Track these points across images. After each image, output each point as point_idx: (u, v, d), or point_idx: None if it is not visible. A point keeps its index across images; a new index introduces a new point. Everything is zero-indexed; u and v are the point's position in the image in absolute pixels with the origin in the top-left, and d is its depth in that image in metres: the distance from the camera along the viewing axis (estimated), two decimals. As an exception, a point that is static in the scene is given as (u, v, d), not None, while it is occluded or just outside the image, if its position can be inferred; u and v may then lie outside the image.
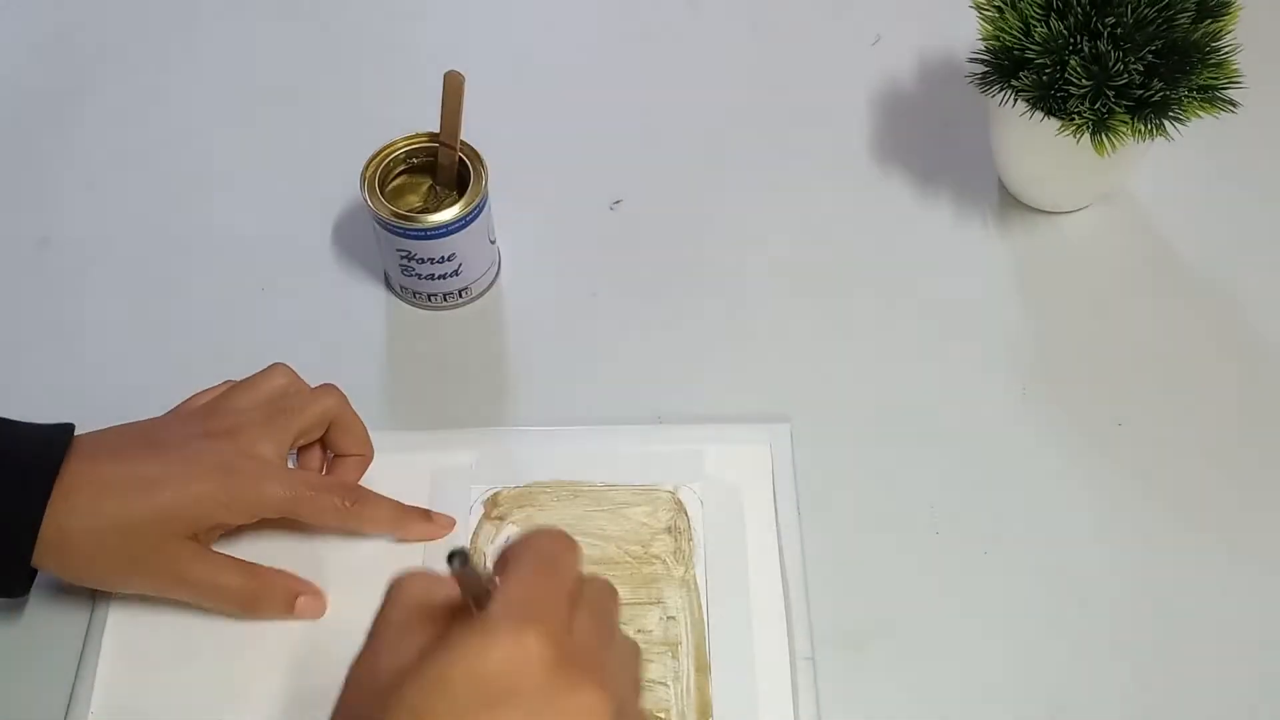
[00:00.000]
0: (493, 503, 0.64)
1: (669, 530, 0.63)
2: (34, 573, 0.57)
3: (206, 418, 0.60)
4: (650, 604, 0.61)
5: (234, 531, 0.61)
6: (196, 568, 0.58)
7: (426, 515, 0.63)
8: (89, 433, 0.58)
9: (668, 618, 0.61)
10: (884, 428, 0.68)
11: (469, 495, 0.65)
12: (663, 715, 0.58)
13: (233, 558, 0.59)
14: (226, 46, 0.86)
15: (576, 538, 0.62)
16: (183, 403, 0.63)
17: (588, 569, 0.46)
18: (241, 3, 0.88)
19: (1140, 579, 0.63)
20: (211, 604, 0.59)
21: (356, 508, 0.60)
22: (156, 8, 0.88)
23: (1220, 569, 0.63)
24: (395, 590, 0.43)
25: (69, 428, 0.58)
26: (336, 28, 0.87)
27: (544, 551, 0.44)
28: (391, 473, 0.65)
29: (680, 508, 0.64)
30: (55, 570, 0.57)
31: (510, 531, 0.64)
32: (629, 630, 0.60)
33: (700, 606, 0.61)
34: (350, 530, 0.62)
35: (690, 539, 0.63)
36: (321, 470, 0.64)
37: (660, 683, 0.59)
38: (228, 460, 0.58)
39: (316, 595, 0.60)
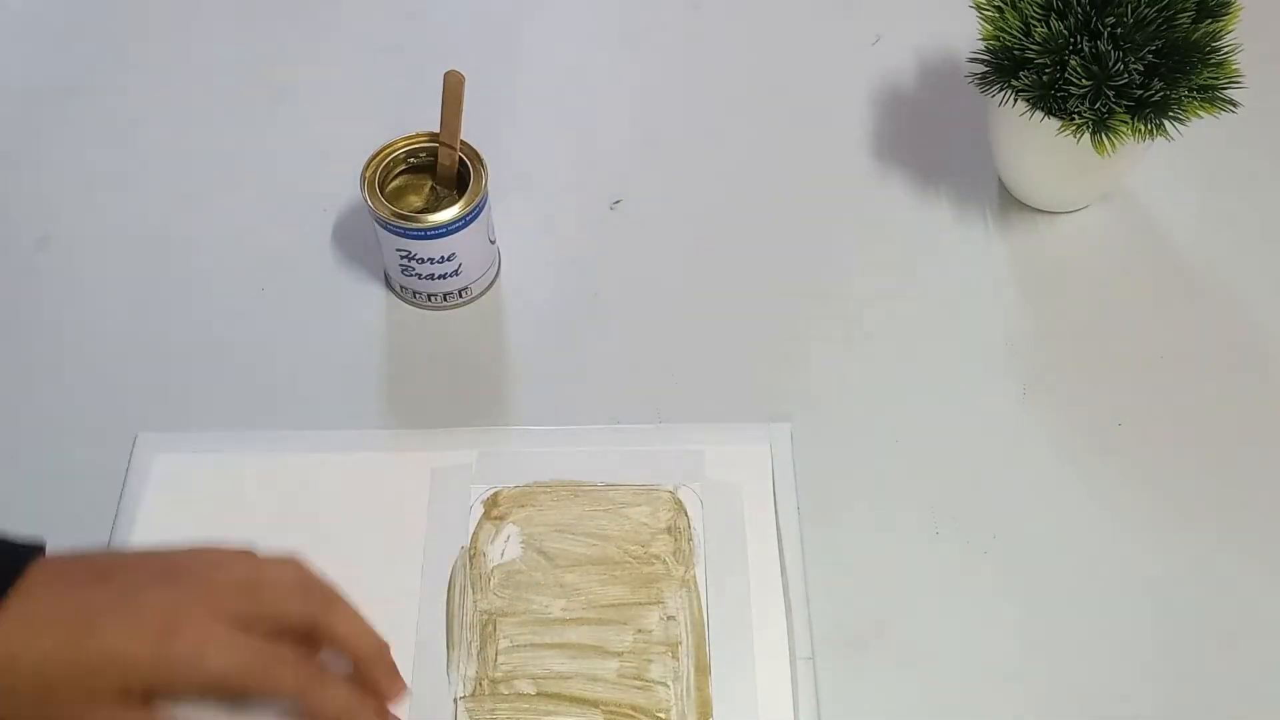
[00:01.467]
0: (493, 502, 0.64)
1: (669, 530, 0.63)
2: None
3: (182, 561, 0.52)
4: (650, 604, 0.61)
5: None
6: None
7: (383, 707, 0.54)
8: (50, 558, 0.51)
9: (668, 618, 0.61)
10: (884, 428, 0.68)
11: (469, 495, 0.65)
12: (663, 715, 0.58)
13: None
14: (226, 46, 0.86)
15: (577, 537, 0.62)
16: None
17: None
18: (241, 3, 0.88)
19: (1140, 578, 0.63)
20: None
21: (316, 692, 0.51)
22: (156, 8, 0.88)
23: (1220, 568, 0.63)
24: None
25: (27, 553, 0.50)
26: (336, 28, 0.87)
27: None
28: (391, 473, 0.65)
29: (680, 508, 0.64)
30: None
31: (510, 531, 0.64)
32: (629, 630, 0.61)
33: (700, 607, 0.61)
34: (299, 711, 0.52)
35: (690, 539, 0.63)
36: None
37: (660, 683, 0.59)
38: (175, 615, 0.49)
39: None
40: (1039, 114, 0.68)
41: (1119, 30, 0.66)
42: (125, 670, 0.48)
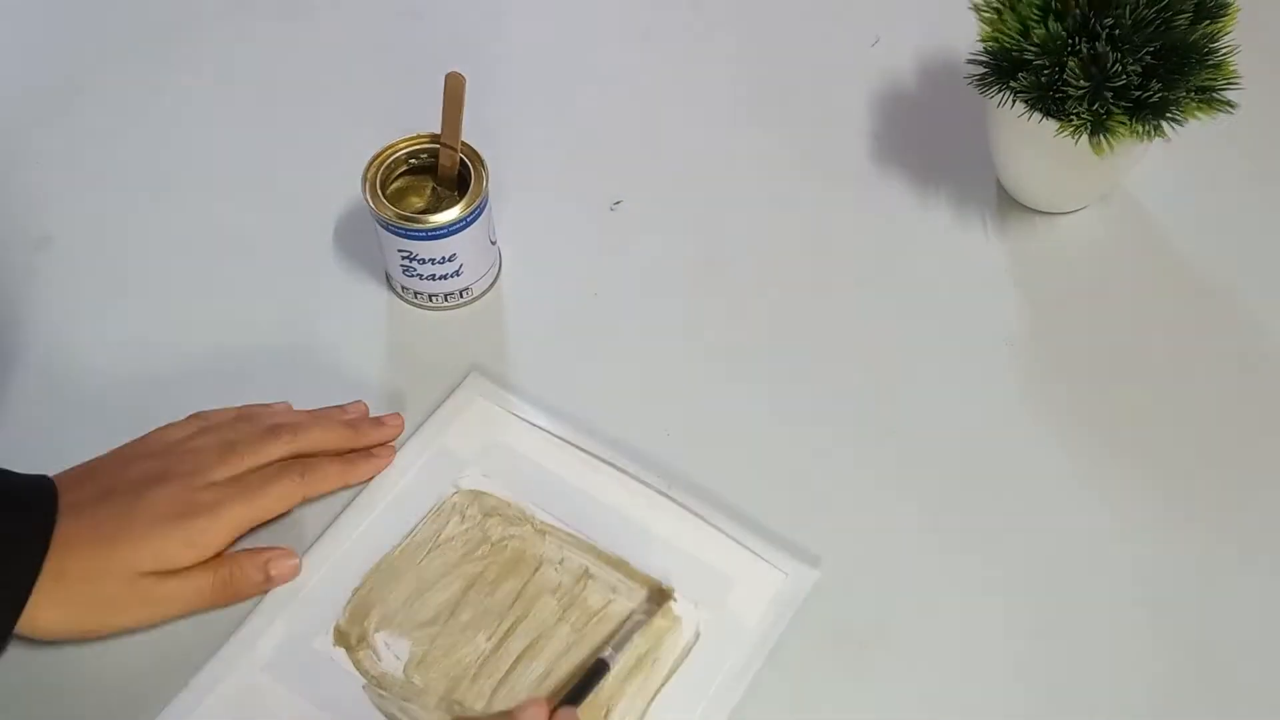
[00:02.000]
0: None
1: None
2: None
3: (166, 457, 0.61)
4: (537, 569, 0.62)
5: None
6: (169, 586, 0.59)
7: (368, 451, 0.65)
8: (63, 484, 0.59)
9: (559, 564, 0.62)
10: (883, 427, 0.68)
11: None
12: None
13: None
14: (226, 46, 0.86)
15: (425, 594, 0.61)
16: (149, 434, 0.63)
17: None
18: (241, 3, 0.88)
19: (1140, 578, 0.63)
20: (193, 611, 0.60)
21: (309, 477, 0.62)
22: (156, 8, 0.88)
23: (1220, 568, 0.63)
24: None
25: (49, 493, 0.58)
26: (336, 28, 0.87)
27: None
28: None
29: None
30: (27, 633, 0.57)
31: (383, 639, 0.60)
32: (542, 597, 0.61)
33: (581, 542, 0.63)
34: (311, 498, 0.63)
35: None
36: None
37: (608, 601, 0.61)
38: (185, 500, 0.59)
39: (286, 554, 0.61)
40: (1037, 115, 0.68)
41: (1117, 31, 0.66)
42: (161, 557, 0.58)
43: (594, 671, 0.58)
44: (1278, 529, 0.65)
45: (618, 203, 0.77)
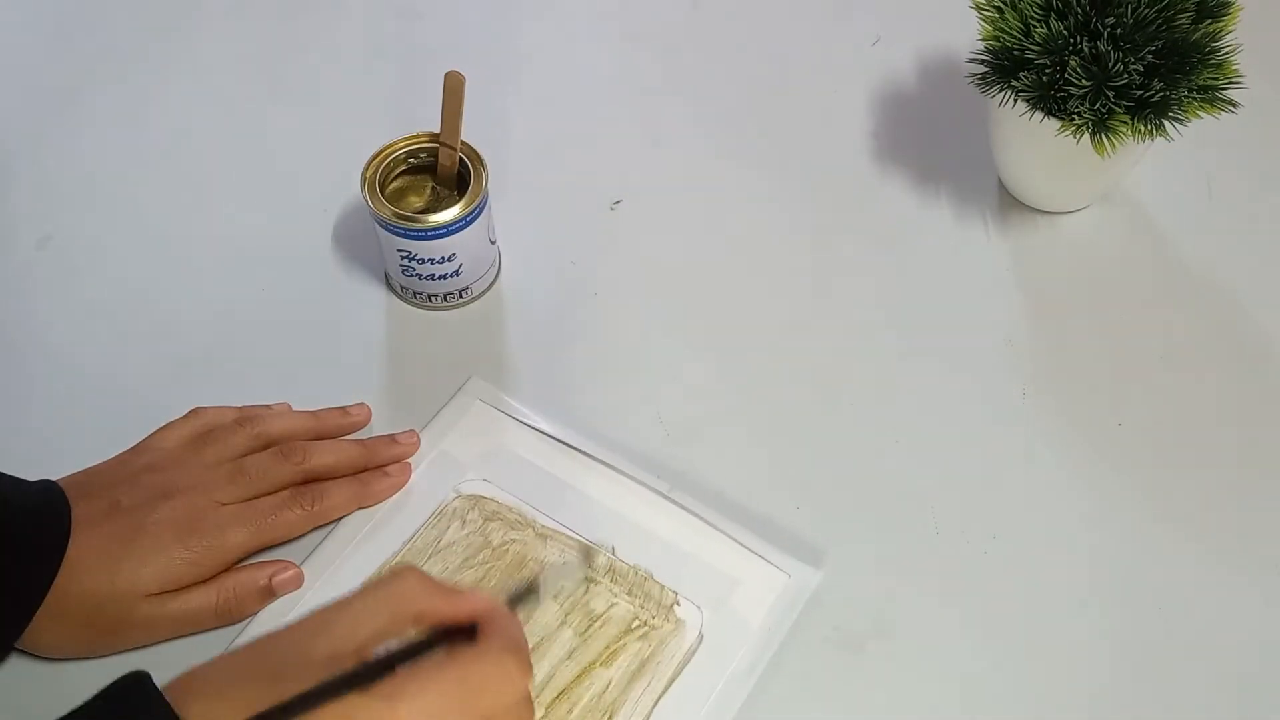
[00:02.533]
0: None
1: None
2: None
3: (173, 471, 0.61)
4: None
5: None
6: (171, 608, 0.58)
7: (383, 470, 0.64)
8: (71, 496, 0.59)
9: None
10: (884, 427, 0.68)
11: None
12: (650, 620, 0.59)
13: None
14: (226, 46, 0.86)
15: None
16: (152, 436, 0.63)
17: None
18: (242, 2, 0.88)
19: (1139, 579, 0.63)
20: (193, 630, 0.59)
21: (319, 507, 0.62)
22: (156, 8, 0.88)
23: (1219, 569, 0.63)
24: (399, 585, 0.48)
25: (61, 510, 0.57)
26: (336, 28, 0.87)
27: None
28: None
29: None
30: (27, 649, 0.57)
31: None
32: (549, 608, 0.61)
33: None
34: (322, 525, 0.63)
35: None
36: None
37: (610, 606, 0.60)
38: (190, 519, 0.59)
39: (287, 566, 0.61)
40: (1039, 114, 0.68)
41: (1119, 31, 0.66)
42: (166, 575, 0.58)
43: (527, 590, 0.53)
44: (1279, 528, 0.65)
45: (617, 202, 0.77)
